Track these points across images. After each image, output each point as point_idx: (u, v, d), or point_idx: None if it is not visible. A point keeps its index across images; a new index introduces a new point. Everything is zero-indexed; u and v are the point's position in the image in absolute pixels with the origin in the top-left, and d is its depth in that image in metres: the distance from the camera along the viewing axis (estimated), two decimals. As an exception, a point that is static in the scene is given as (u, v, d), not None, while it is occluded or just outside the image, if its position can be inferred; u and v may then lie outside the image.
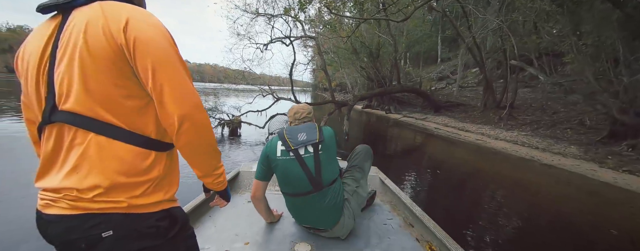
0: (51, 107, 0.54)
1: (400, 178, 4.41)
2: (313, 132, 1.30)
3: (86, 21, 0.52)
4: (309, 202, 1.30)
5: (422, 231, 1.47)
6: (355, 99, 7.93)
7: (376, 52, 12.77)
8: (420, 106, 13.78)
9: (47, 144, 0.56)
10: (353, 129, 9.25)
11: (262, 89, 7.82)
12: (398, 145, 7.74)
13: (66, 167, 0.54)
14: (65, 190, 0.53)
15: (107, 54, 0.52)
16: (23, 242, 2.11)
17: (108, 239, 0.53)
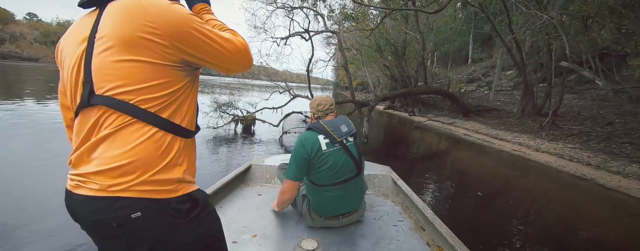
0: (89, 92, 0.57)
1: (420, 185, 3.87)
2: (350, 124, 1.42)
3: (120, 12, 0.56)
4: (353, 185, 1.40)
5: (433, 236, 1.42)
6: (377, 100, 7.38)
7: (402, 50, 12.02)
8: (447, 110, 12.85)
9: (81, 127, 0.60)
10: (373, 130, 8.67)
11: (278, 85, 7.49)
12: (420, 150, 7.10)
13: (99, 151, 0.57)
14: (95, 174, 0.56)
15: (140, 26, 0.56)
16: (45, 217, 2.30)
17: (137, 219, 0.56)
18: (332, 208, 1.43)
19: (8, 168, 3.49)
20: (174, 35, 0.58)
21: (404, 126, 11.16)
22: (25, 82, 15.64)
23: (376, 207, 1.77)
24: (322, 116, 1.45)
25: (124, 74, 0.56)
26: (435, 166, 5.33)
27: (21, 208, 2.52)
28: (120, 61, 0.55)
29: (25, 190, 2.87)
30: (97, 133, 0.58)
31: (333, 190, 1.37)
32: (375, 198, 1.94)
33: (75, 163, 0.60)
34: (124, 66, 0.56)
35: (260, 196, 1.88)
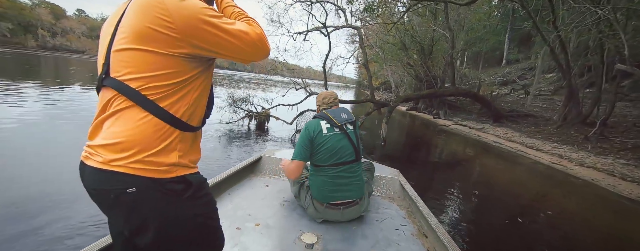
0: (105, 74, 0.64)
1: (440, 196, 3.45)
2: (350, 113, 1.54)
3: (139, 4, 0.60)
4: (351, 170, 1.48)
5: (435, 243, 1.38)
6: (399, 101, 6.92)
7: (428, 49, 11.32)
8: (476, 114, 11.95)
9: (98, 105, 0.66)
10: (392, 133, 8.21)
11: (294, 82, 7.27)
12: (443, 156, 6.55)
13: (105, 127, 0.64)
14: (100, 147, 0.62)
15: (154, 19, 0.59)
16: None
17: (132, 193, 0.61)
18: (330, 192, 1.47)
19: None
20: (186, 29, 0.59)
21: (426, 130, 10.52)
22: (73, 72, 16.88)
23: (381, 209, 1.75)
24: (327, 108, 1.62)
25: (134, 62, 0.60)
26: (458, 175, 4.83)
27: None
28: (132, 49, 0.60)
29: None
30: (107, 110, 0.64)
31: (331, 170, 1.47)
32: (381, 200, 1.92)
33: (90, 135, 0.67)
34: (135, 54, 0.60)
35: (268, 187, 1.92)
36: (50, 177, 2.98)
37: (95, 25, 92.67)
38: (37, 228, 2.08)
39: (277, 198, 1.77)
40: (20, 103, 6.20)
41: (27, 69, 16.11)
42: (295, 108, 7.12)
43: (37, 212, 2.28)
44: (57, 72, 16.99)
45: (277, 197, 1.79)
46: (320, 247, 1.31)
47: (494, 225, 3.04)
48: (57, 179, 2.92)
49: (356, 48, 17.09)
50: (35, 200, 2.46)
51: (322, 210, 1.50)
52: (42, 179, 2.91)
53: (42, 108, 6.06)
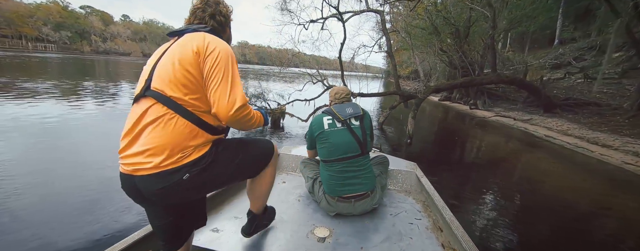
0: (147, 86, 0.83)
1: (474, 202, 2.81)
2: (357, 108, 1.57)
3: (187, 43, 0.85)
4: (357, 164, 1.50)
5: (450, 238, 1.33)
6: (428, 91, 6.14)
7: (465, 31, 10.06)
8: (522, 102, 10.52)
9: (133, 114, 0.84)
10: (421, 127, 7.43)
11: (310, 74, 6.79)
12: (480, 154, 5.69)
13: (144, 132, 0.81)
14: (141, 152, 0.80)
15: (198, 51, 0.84)
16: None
17: (187, 178, 0.83)
18: (340, 186, 1.50)
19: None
20: (212, 64, 0.83)
21: (461, 123, 9.46)
22: (122, 72, 18.25)
23: (396, 203, 1.74)
24: (338, 103, 1.62)
25: (173, 79, 0.81)
26: (498, 177, 4.07)
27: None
28: (175, 69, 0.82)
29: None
30: (144, 119, 0.81)
31: (337, 165, 1.49)
32: (396, 194, 1.90)
33: (127, 145, 0.82)
34: (178, 73, 0.81)
35: (285, 183, 1.98)
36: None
37: (138, 28, 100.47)
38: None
39: (293, 194, 1.82)
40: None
41: (90, 71, 17.75)
42: (312, 103, 6.70)
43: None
44: (119, 74, 18.42)
45: (293, 193, 1.84)
46: (332, 241, 1.33)
47: (540, 240, 2.37)
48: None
49: (380, 35, 16.03)
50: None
51: (334, 204, 1.53)
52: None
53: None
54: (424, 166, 2.12)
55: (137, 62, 45.04)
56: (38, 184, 2.76)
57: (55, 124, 4.90)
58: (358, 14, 6.87)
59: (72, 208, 2.40)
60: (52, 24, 73.38)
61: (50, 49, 70.41)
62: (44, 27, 71.39)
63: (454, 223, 1.33)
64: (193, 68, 0.81)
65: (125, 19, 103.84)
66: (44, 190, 2.68)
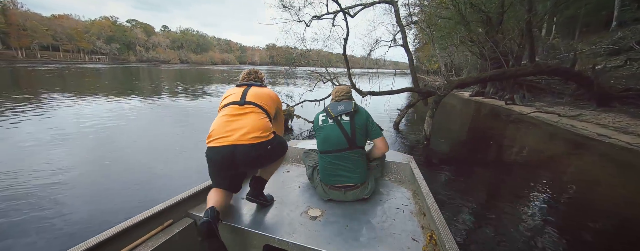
0: (241, 100, 1.45)
1: (505, 218, 2.30)
2: (349, 105, 1.71)
3: (261, 89, 1.56)
4: (346, 157, 1.66)
5: (430, 221, 1.45)
6: (449, 87, 5.49)
7: (497, 18, 9.02)
8: (569, 96, 9.18)
9: (236, 111, 1.42)
10: (445, 126, 6.75)
11: (319, 73, 6.46)
12: (513, 156, 4.92)
13: (245, 122, 1.38)
14: (247, 132, 1.34)
15: (268, 94, 1.56)
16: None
17: (270, 148, 1.41)
18: (331, 176, 1.68)
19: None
20: (275, 105, 1.59)
21: (495, 120, 8.48)
22: (164, 79, 19.67)
23: (388, 192, 1.86)
24: (336, 101, 1.82)
25: (257, 100, 1.49)
26: (532, 185, 3.42)
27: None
28: (256, 95, 1.50)
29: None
30: (245, 113, 1.41)
31: (328, 157, 1.70)
32: (391, 184, 2.03)
33: (234, 129, 1.35)
34: (259, 96, 1.51)
35: (289, 172, 2.22)
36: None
37: (176, 37, 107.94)
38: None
39: (295, 182, 2.02)
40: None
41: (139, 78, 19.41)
42: (322, 104, 6.39)
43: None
44: (153, 79, 19.91)
45: (296, 181, 2.04)
46: (322, 219, 1.49)
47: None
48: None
49: (414, 31, 14.96)
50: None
51: (327, 190, 1.69)
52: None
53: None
54: (443, 172, 2.38)
55: (182, 68, 50.36)
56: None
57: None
58: (369, 7, 6.39)
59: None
60: (104, 38, 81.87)
61: (103, 60, 78.66)
62: (98, 41, 79.93)
63: (434, 207, 1.44)
64: (271, 99, 1.56)
65: (164, 29, 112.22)
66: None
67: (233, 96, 1.48)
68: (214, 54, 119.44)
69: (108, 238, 1.10)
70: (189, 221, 1.45)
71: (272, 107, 1.52)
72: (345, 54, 5.74)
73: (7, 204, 2.61)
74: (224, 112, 1.42)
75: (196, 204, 1.57)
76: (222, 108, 1.47)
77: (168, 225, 1.37)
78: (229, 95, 1.51)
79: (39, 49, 67.39)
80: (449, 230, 1.23)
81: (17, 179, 3.14)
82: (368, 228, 1.41)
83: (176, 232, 1.34)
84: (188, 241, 1.41)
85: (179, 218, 1.45)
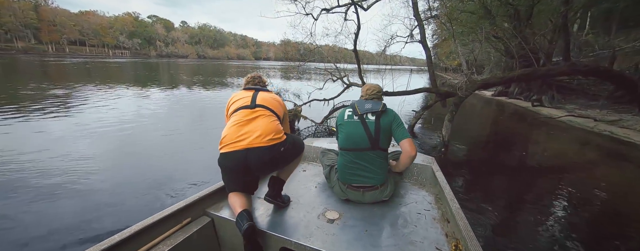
0: (252, 104, 1.47)
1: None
2: (377, 105, 1.63)
3: (268, 93, 1.60)
4: (367, 157, 1.59)
5: (455, 228, 1.37)
6: (471, 87, 5.00)
7: (526, 12, 8.26)
8: (605, 98, 8.33)
9: (247, 116, 1.43)
10: (464, 129, 6.24)
11: (328, 71, 6.07)
12: (540, 165, 4.40)
13: (257, 125, 1.40)
14: (259, 135, 1.36)
15: (275, 98, 1.61)
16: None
17: (283, 150, 1.42)
18: (350, 175, 1.62)
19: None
20: (283, 109, 1.61)
21: (521, 124, 7.82)
22: (181, 73, 20.05)
23: (408, 195, 1.79)
24: (366, 98, 1.72)
25: (267, 103, 1.52)
26: (576, 202, 2.95)
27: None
28: (265, 99, 1.53)
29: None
30: (256, 117, 1.42)
31: (348, 154, 1.63)
32: (411, 186, 1.95)
33: (247, 132, 1.37)
34: (268, 99, 1.53)
35: (305, 171, 2.17)
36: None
37: (194, 32, 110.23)
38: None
39: (312, 181, 1.97)
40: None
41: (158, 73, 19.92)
42: (332, 103, 6.05)
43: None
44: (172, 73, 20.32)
45: (312, 180, 1.99)
46: (340, 222, 1.44)
47: None
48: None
49: (433, 26, 14.12)
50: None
51: (345, 190, 1.65)
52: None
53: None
54: (462, 181, 2.26)
55: (200, 63, 52.24)
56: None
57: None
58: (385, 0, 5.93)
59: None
60: (127, 33, 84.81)
61: (125, 54, 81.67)
62: (121, 36, 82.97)
63: (460, 214, 1.36)
64: (279, 103, 1.61)
65: (183, 25, 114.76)
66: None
67: (242, 101, 1.50)
68: (230, 50, 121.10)
69: (130, 236, 1.12)
70: (207, 219, 1.45)
71: (281, 111, 1.56)
72: (356, 50, 5.35)
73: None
74: (235, 118, 1.44)
75: (213, 203, 1.56)
76: (232, 113, 1.49)
77: (186, 223, 1.38)
78: (237, 99, 1.53)
79: (67, 44, 70.88)
80: (477, 240, 1.14)
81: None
82: (388, 234, 1.34)
83: (195, 231, 1.35)
84: (206, 240, 1.44)
85: (197, 217, 1.46)
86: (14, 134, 4.60)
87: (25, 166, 3.36)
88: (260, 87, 1.63)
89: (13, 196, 2.70)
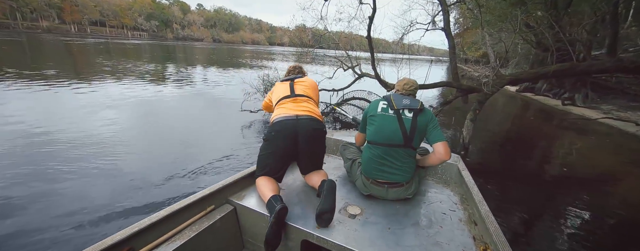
0: (292, 94, 1.65)
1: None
2: (416, 102, 1.54)
3: (304, 79, 1.78)
4: (397, 154, 1.52)
5: (483, 232, 1.31)
6: (500, 83, 4.43)
7: (565, 0, 7.35)
8: (649, 99, 7.45)
9: (293, 102, 1.61)
10: (487, 128, 5.70)
11: (339, 59, 5.58)
12: (571, 175, 3.88)
13: (305, 106, 1.59)
14: (310, 112, 1.56)
15: (311, 83, 1.80)
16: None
17: (324, 130, 1.60)
18: (375, 170, 1.55)
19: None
20: (317, 94, 1.81)
21: (546, 124, 7.13)
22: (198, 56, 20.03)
23: (432, 193, 1.75)
24: (402, 93, 1.62)
25: (305, 91, 1.70)
26: (610, 225, 2.50)
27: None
28: (302, 86, 1.72)
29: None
30: (301, 102, 1.61)
31: (377, 149, 1.54)
32: (435, 184, 1.90)
33: (297, 108, 1.55)
34: (305, 87, 1.72)
35: (325, 164, 2.06)
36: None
37: (209, 16, 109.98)
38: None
39: (332, 174, 1.90)
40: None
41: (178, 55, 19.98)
42: (340, 94, 5.62)
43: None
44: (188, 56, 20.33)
45: (332, 173, 1.93)
46: (361, 218, 1.40)
47: None
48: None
49: (455, 14, 13.10)
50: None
51: (368, 185, 1.59)
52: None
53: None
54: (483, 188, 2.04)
55: (216, 46, 52.57)
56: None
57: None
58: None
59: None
60: (145, 15, 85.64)
61: (143, 36, 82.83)
62: (139, 18, 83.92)
63: (489, 217, 1.30)
64: (314, 88, 1.78)
65: (199, 8, 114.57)
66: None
67: (283, 92, 1.67)
68: (245, 34, 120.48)
69: (158, 220, 1.17)
70: (229, 207, 1.47)
71: (316, 96, 1.75)
72: (370, 36, 4.83)
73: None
74: (281, 104, 1.61)
75: (236, 192, 1.57)
76: (277, 103, 1.65)
77: (210, 211, 1.42)
78: (278, 90, 1.72)
79: (88, 24, 72.47)
80: (509, 246, 1.09)
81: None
82: (412, 233, 1.31)
83: (218, 218, 1.38)
84: (228, 227, 1.46)
85: (220, 204, 1.48)
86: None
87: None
88: (295, 75, 1.82)
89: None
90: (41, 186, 2.53)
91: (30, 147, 3.30)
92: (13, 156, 3.04)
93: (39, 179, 2.62)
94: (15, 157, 3.03)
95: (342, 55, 5.73)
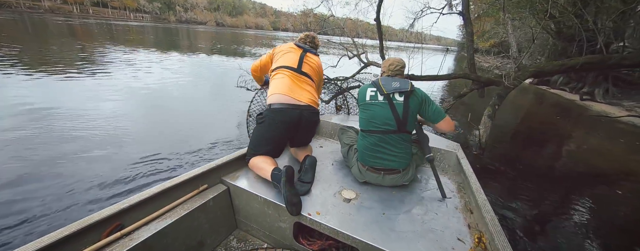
0: (298, 69, 1.62)
1: None
2: (405, 84, 1.48)
3: (315, 58, 1.75)
4: (392, 140, 1.48)
5: (479, 220, 1.30)
6: (522, 76, 3.97)
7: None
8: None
9: (294, 79, 1.58)
10: (497, 123, 5.29)
11: (344, 45, 5.10)
12: (590, 177, 3.51)
13: (304, 88, 1.60)
14: (309, 99, 1.56)
15: (319, 66, 1.77)
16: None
17: (318, 117, 1.67)
18: (370, 157, 1.52)
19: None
20: (321, 77, 1.80)
21: (564, 120, 6.68)
22: (202, 40, 19.47)
23: (429, 180, 1.72)
24: (391, 75, 1.59)
25: (310, 72, 1.68)
26: None
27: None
28: (310, 66, 1.68)
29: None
30: (303, 83, 1.59)
31: (371, 137, 1.52)
32: (432, 172, 1.76)
33: (299, 93, 1.55)
34: (312, 68, 1.69)
35: (322, 148, 2.11)
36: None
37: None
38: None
39: (328, 158, 1.90)
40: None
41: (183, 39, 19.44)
42: (345, 84, 5.20)
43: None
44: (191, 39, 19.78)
45: (329, 157, 1.93)
46: (356, 203, 1.40)
47: None
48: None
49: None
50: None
51: (364, 172, 1.56)
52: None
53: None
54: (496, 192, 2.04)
55: (219, 30, 51.35)
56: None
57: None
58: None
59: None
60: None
61: (145, 19, 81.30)
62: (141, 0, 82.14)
63: (486, 206, 1.28)
64: (319, 72, 1.76)
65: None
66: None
67: (291, 60, 1.63)
68: (249, 18, 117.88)
69: (149, 197, 1.16)
70: (223, 187, 1.46)
71: (319, 79, 1.75)
72: (379, 19, 4.34)
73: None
74: (284, 74, 1.58)
75: (229, 172, 1.55)
76: (278, 68, 1.61)
77: (203, 190, 1.41)
78: (285, 53, 1.67)
79: (90, 5, 71.10)
80: (504, 235, 1.06)
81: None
82: (406, 219, 1.29)
83: (211, 197, 1.37)
84: (221, 207, 1.45)
85: (213, 184, 1.47)
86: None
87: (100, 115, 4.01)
88: (309, 48, 1.75)
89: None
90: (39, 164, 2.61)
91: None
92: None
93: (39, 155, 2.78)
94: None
95: (347, 42, 5.25)
